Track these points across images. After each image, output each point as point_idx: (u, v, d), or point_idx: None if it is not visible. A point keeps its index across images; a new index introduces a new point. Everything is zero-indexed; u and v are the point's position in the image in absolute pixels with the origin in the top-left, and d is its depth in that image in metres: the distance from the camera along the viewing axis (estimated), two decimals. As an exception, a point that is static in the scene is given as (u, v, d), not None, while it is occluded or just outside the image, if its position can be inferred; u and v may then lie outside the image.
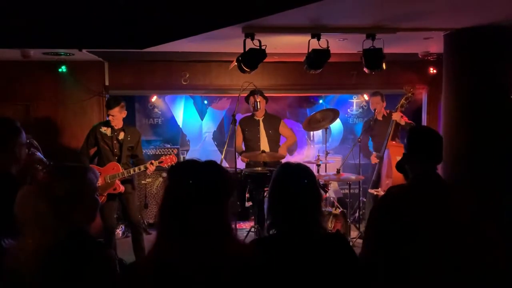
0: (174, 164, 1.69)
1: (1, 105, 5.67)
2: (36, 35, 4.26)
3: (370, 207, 5.90)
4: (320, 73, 4.52)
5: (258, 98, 5.38)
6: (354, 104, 7.93)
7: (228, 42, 4.51)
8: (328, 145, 6.25)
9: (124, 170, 4.62)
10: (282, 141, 5.78)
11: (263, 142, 5.57)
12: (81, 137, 5.22)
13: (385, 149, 5.44)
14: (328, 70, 4.81)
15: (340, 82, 6.42)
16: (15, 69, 5.78)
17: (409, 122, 5.52)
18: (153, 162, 4.65)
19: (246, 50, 4.04)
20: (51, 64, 5.78)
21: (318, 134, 7.54)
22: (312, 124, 5.83)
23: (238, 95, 5.09)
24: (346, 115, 7.88)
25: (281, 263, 1.79)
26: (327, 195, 5.48)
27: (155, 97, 7.14)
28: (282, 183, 1.94)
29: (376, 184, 5.65)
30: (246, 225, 6.13)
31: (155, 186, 6.41)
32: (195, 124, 7.94)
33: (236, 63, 4.20)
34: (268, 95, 5.69)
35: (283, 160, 5.52)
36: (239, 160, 5.54)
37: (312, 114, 5.88)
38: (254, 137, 5.61)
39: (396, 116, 5.43)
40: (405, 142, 2.40)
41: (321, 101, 7.84)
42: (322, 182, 5.25)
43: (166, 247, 1.55)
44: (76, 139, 5.73)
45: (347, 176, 5.24)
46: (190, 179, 1.57)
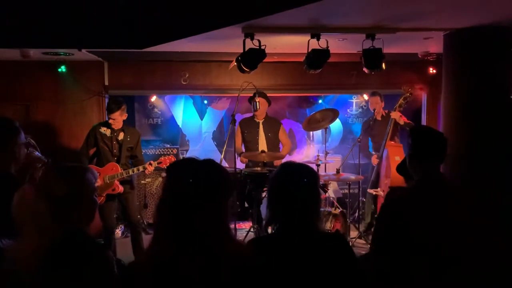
0: (173, 162, 1.67)
1: (0, 105, 5.66)
2: (35, 35, 4.26)
3: (370, 207, 5.91)
4: (319, 73, 4.53)
5: (258, 99, 5.37)
6: (353, 104, 7.93)
7: (228, 42, 4.50)
8: (328, 145, 6.24)
9: (123, 170, 4.62)
10: (281, 146, 5.78)
11: (262, 145, 5.55)
12: (80, 137, 5.22)
13: (384, 149, 5.44)
14: (328, 70, 4.81)
15: (339, 82, 6.41)
16: (14, 69, 5.77)
17: (408, 122, 5.52)
18: (152, 162, 4.66)
19: (246, 50, 4.04)
20: (50, 64, 5.78)
21: (317, 134, 7.54)
22: (312, 124, 5.82)
23: (237, 95, 5.08)
24: (346, 115, 7.88)
25: (278, 263, 1.78)
26: (327, 195, 5.47)
27: (155, 97, 7.13)
28: (281, 182, 1.94)
29: (375, 184, 5.66)
30: (246, 225, 6.13)
31: (155, 186, 6.41)
32: (195, 124, 7.94)
33: (235, 63, 4.20)
34: (267, 95, 5.68)
35: (283, 161, 5.52)
36: (238, 160, 5.53)
37: (311, 114, 5.88)
38: (253, 139, 5.60)
39: (395, 115, 5.42)
40: (408, 142, 2.36)
41: (320, 101, 7.84)
42: (322, 182, 5.25)
43: (163, 246, 1.54)
44: (76, 139, 5.72)
45: (346, 176, 5.24)
46: (189, 177, 1.56)
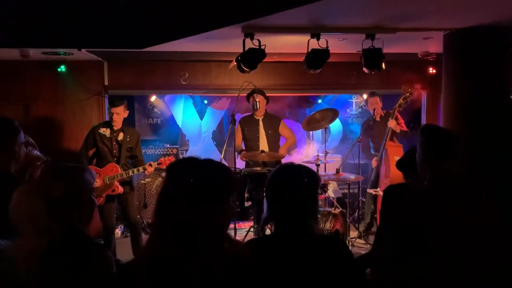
0: (173, 161, 1.66)
1: (0, 104, 5.66)
2: (35, 34, 4.26)
3: (369, 207, 5.92)
4: (319, 73, 4.52)
5: (258, 98, 5.37)
6: (353, 104, 7.93)
7: (228, 42, 4.50)
8: (328, 145, 6.24)
9: (123, 171, 4.62)
10: (282, 141, 5.78)
11: (262, 142, 5.57)
12: (80, 136, 5.22)
13: (383, 149, 5.44)
14: (328, 70, 4.81)
15: (339, 82, 6.41)
16: (14, 68, 5.77)
17: (404, 130, 5.58)
18: (152, 163, 4.67)
19: (246, 50, 4.03)
20: (50, 64, 5.78)
21: (317, 134, 7.54)
22: (312, 124, 5.82)
23: (237, 95, 5.08)
24: (346, 115, 7.88)
25: (274, 264, 1.78)
26: (327, 195, 5.47)
27: (155, 97, 7.13)
28: (279, 182, 1.93)
29: (375, 184, 5.66)
30: (246, 225, 6.13)
31: (154, 185, 6.40)
32: (195, 124, 7.94)
33: (235, 63, 4.20)
34: (267, 95, 5.68)
35: (283, 160, 5.52)
36: (238, 159, 5.53)
37: (311, 114, 5.88)
38: (253, 136, 5.60)
39: (391, 123, 5.46)
40: (418, 141, 2.33)
41: (320, 100, 7.84)
42: (322, 182, 5.25)
43: (161, 246, 1.53)
44: (76, 138, 5.72)
45: (346, 176, 5.24)
46: (189, 177, 1.55)
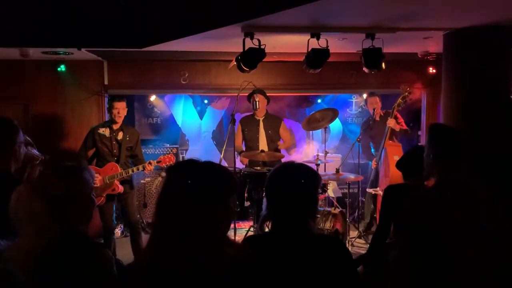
0: (173, 163, 1.65)
1: (0, 104, 5.66)
2: (35, 34, 4.25)
3: (369, 207, 5.92)
4: (319, 72, 4.52)
5: (258, 98, 5.37)
6: (353, 103, 7.93)
7: (228, 41, 4.50)
8: (327, 144, 6.24)
9: (122, 170, 4.63)
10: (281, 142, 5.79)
11: (262, 142, 5.57)
12: (80, 136, 5.22)
13: (382, 148, 5.44)
14: (328, 69, 4.80)
15: (339, 81, 6.41)
16: (14, 68, 5.76)
17: (404, 128, 5.57)
18: (151, 162, 4.68)
19: (246, 49, 4.03)
20: (50, 63, 5.78)
21: (317, 133, 7.54)
22: (312, 124, 5.82)
23: (237, 94, 5.08)
24: (345, 115, 7.88)
25: (271, 262, 1.77)
26: (326, 194, 5.47)
27: (154, 96, 7.13)
28: (278, 181, 1.93)
29: (375, 183, 5.66)
30: (245, 224, 6.13)
31: (154, 185, 6.40)
32: (194, 124, 7.94)
33: (235, 63, 4.19)
34: (267, 94, 5.68)
35: (283, 160, 5.52)
36: (238, 159, 5.53)
37: (311, 113, 5.88)
38: (253, 136, 5.60)
39: (391, 122, 5.45)
40: (427, 140, 2.31)
41: (319, 100, 7.83)
42: (322, 182, 5.24)
43: (161, 247, 1.53)
44: (75, 138, 5.73)
45: (346, 175, 5.24)
46: (189, 179, 1.55)
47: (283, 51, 5.30)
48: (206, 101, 7.83)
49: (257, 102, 5.36)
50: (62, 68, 5.82)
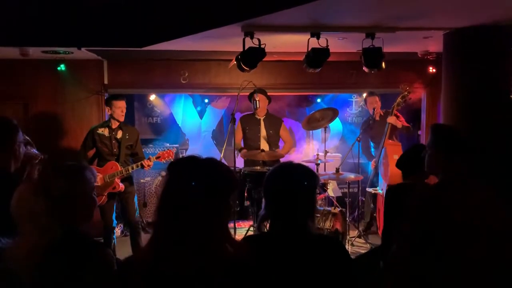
0: (174, 160, 1.65)
1: (-1, 103, 5.67)
2: (35, 33, 4.25)
3: (369, 206, 5.92)
4: (319, 72, 4.52)
5: (258, 97, 5.37)
6: (353, 103, 7.93)
7: (228, 40, 4.50)
8: (327, 144, 6.24)
9: (122, 168, 4.63)
10: (281, 143, 5.79)
11: (263, 142, 5.58)
12: (80, 135, 5.22)
13: (382, 148, 5.44)
14: (328, 69, 4.80)
15: (339, 81, 6.41)
16: (14, 67, 5.75)
17: (406, 125, 5.57)
18: (150, 157, 4.73)
19: (246, 48, 4.03)
20: (50, 63, 5.77)
21: (317, 133, 7.54)
22: (311, 123, 5.82)
23: (237, 94, 5.08)
24: (345, 115, 7.87)
25: (269, 262, 1.76)
26: (326, 194, 5.47)
27: (154, 96, 7.13)
28: (276, 182, 1.93)
29: (375, 183, 5.66)
30: (245, 224, 6.13)
31: (154, 184, 6.41)
32: (194, 123, 7.93)
33: (235, 62, 4.19)
34: (267, 94, 5.68)
35: (283, 159, 5.52)
36: (238, 159, 5.53)
37: (311, 113, 5.88)
38: (254, 136, 5.61)
39: (391, 119, 5.45)
40: (429, 139, 2.31)
41: (319, 100, 7.82)
42: (321, 181, 5.25)
43: (162, 245, 1.53)
44: (75, 137, 5.72)
45: (346, 175, 5.24)
46: (190, 176, 1.54)
47: (283, 51, 5.29)
48: (206, 100, 7.82)
49: (257, 102, 5.36)
50: (62, 67, 5.81)
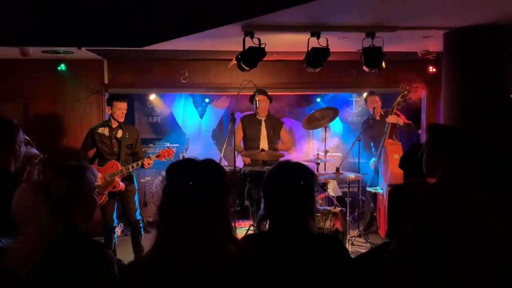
0: (172, 163, 1.66)
1: (0, 103, 5.66)
2: (35, 33, 4.25)
3: (369, 205, 5.92)
4: (319, 71, 4.52)
5: (258, 97, 5.37)
6: (353, 103, 7.92)
7: (228, 40, 4.50)
8: (327, 143, 6.24)
9: (122, 167, 4.64)
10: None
11: (263, 142, 5.58)
12: (80, 135, 5.22)
13: (382, 147, 5.44)
14: (328, 68, 4.80)
15: (339, 80, 6.41)
16: (14, 67, 5.75)
17: (407, 122, 5.56)
18: (150, 156, 4.74)
19: (246, 48, 4.03)
20: (50, 62, 5.77)
21: (317, 132, 7.53)
22: (312, 123, 5.82)
23: (237, 93, 5.08)
24: (346, 114, 7.87)
25: (268, 261, 1.76)
26: (326, 193, 5.47)
27: (154, 95, 7.13)
28: (275, 181, 1.93)
29: (375, 182, 5.66)
30: (245, 223, 6.13)
31: (154, 184, 6.41)
32: (194, 123, 7.93)
33: (235, 62, 4.20)
34: (268, 93, 5.68)
35: (283, 159, 5.52)
36: (238, 158, 5.53)
37: (311, 112, 5.88)
38: (254, 136, 5.62)
39: (391, 118, 5.44)
40: (427, 139, 2.30)
41: (318, 99, 7.82)
42: (321, 181, 5.25)
43: (165, 247, 1.53)
44: (75, 137, 5.73)
45: (346, 174, 5.24)
46: (188, 178, 1.55)
47: (283, 50, 5.30)
48: (207, 100, 7.82)
49: (257, 102, 5.36)
50: (62, 67, 5.82)
